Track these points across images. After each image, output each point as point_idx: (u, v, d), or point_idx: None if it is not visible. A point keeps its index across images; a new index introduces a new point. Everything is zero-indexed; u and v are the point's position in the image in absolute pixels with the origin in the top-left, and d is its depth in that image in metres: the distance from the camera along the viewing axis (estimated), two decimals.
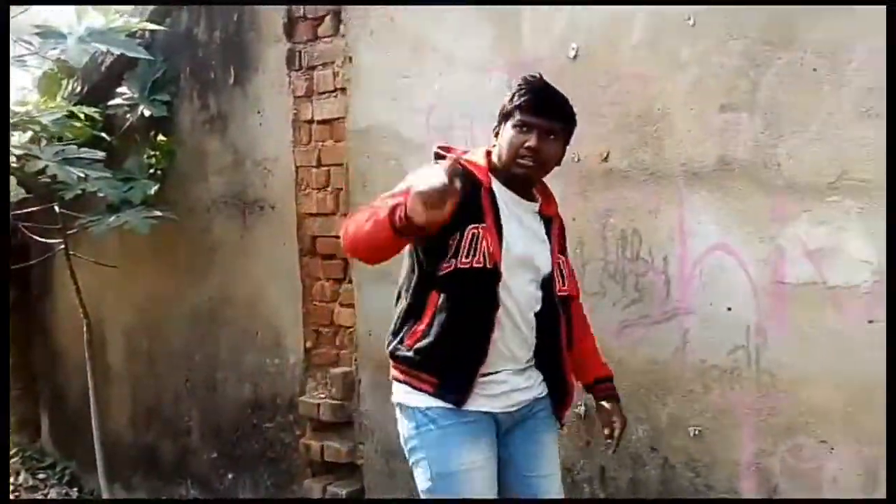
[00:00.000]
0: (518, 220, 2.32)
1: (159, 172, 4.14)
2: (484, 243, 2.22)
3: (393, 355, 2.45)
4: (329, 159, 3.59)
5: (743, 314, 2.53)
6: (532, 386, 2.37)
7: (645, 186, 2.70)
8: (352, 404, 3.58)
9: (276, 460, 3.90)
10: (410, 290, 2.36)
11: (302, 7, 3.61)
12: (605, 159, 2.77)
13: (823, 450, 2.42)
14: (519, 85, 2.32)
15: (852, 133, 2.31)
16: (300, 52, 3.64)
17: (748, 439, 2.55)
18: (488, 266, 2.22)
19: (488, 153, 2.36)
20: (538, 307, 2.32)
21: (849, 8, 2.29)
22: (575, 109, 2.35)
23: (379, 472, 3.52)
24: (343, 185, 3.54)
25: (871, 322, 2.31)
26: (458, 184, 2.00)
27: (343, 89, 3.49)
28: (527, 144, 2.25)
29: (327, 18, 3.54)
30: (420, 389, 2.32)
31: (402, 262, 2.40)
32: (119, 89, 4.22)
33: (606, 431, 2.44)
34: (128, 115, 4.17)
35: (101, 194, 3.84)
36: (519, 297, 2.28)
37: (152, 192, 4.03)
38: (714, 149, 2.55)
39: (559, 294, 2.35)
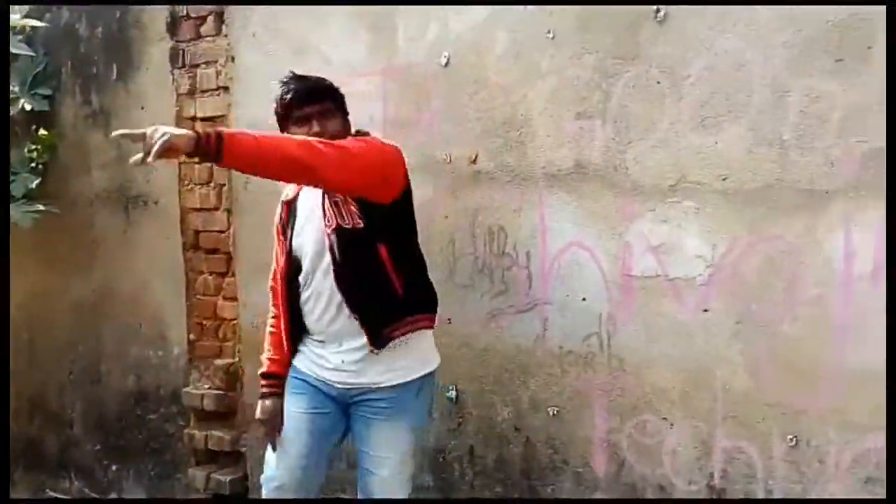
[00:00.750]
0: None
1: (41, 166, 4.14)
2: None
3: None
4: None
5: (596, 304, 2.77)
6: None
7: (510, 187, 2.91)
8: (235, 394, 3.69)
9: (159, 451, 3.98)
10: None
11: (185, 7, 3.69)
12: (474, 161, 2.98)
13: (664, 426, 2.69)
14: (280, 87, 2.57)
15: (690, 141, 2.57)
16: (183, 51, 3.72)
17: (600, 418, 2.80)
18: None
19: None
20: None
21: (683, 27, 2.55)
22: (333, 87, 2.62)
23: (262, 458, 3.63)
24: (226, 182, 3.64)
25: (705, 311, 2.58)
26: None
27: (226, 88, 3.60)
28: (313, 132, 2.47)
29: (210, 18, 3.64)
30: None
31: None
32: None
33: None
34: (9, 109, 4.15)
35: None
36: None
37: (34, 185, 4.03)
38: (570, 153, 2.78)
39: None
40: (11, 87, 4.12)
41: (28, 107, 4.08)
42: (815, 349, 2.43)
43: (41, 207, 3.93)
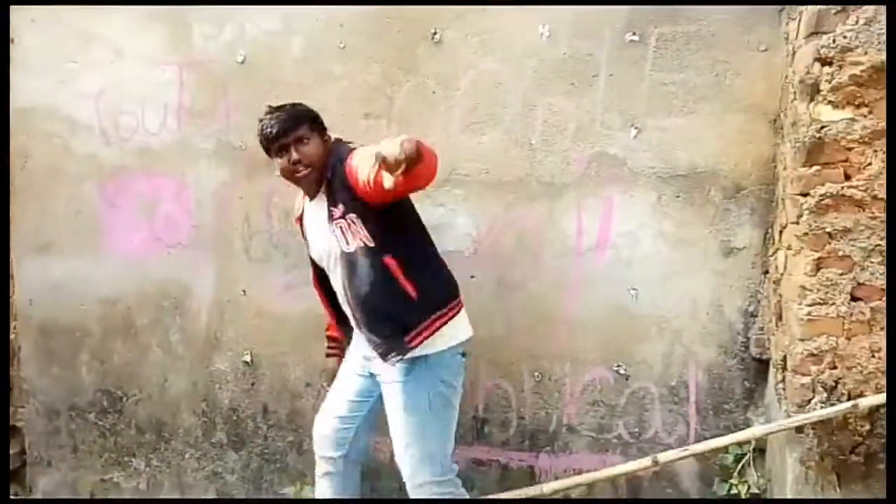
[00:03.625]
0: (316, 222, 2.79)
1: None
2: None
3: None
4: None
5: None
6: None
7: None
8: (12, 370, 3.72)
9: None
10: None
11: None
12: None
13: None
14: (259, 123, 2.72)
15: (459, 141, 3.19)
16: None
17: None
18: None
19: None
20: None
21: (455, 49, 3.15)
22: (304, 104, 2.78)
23: (41, 431, 3.74)
24: None
25: (472, 277, 3.22)
26: None
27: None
28: (292, 160, 2.69)
29: None
30: None
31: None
32: None
33: None
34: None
35: None
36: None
37: None
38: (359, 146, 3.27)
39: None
40: None
41: None
42: (553, 304, 3.17)
43: None
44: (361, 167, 2.48)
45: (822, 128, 2.66)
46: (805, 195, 2.72)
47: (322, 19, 3.26)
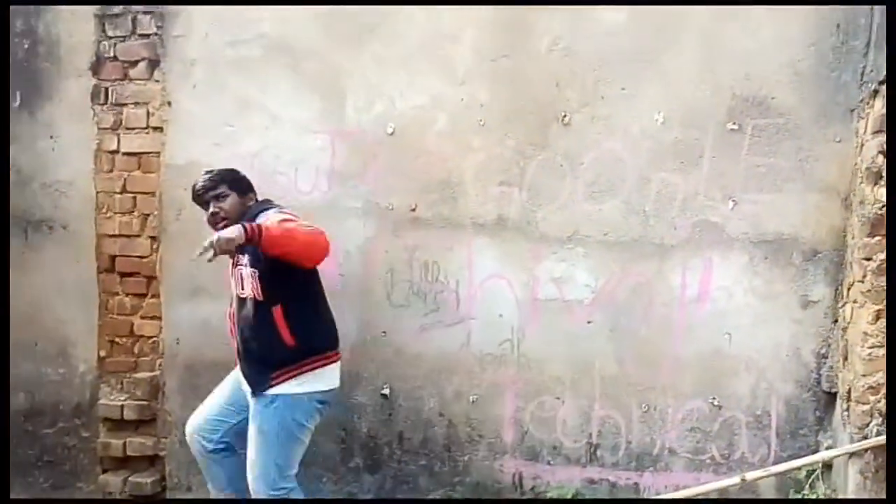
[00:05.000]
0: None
1: None
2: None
3: None
4: (136, 187, 4.06)
5: (509, 319, 3.86)
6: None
7: (443, 231, 3.87)
8: (156, 403, 4.09)
9: (54, 463, 4.16)
10: None
11: (112, 48, 4.02)
12: (413, 210, 3.88)
13: (558, 403, 3.85)
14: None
15: (582, 207, 3.78)
16: (107, 89, 4.05)
17: (510, 401, 3.88)
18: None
19: None
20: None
21: (581, 130, 3.75)
22: (235, 170, 3.51)
23: (181, 461, 4.10)
24: (152, 212, 4.04)
25: (589, 322, 3.80)
26: None
27: (159, 128, 4.02)
28: (212, 212, 3.37)
29: (142, 64, 4.02)
30: None
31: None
32: None
33: None
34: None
35: None
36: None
37: None
38: (494, 210, 3.84)
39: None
40: None
41: None
42: (660, 346, 3.77)
43: None
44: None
45: (883, 206, 3.36)
46: (868, 259, 3.40)
47: (465, 99, 3.82)
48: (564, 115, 3.77)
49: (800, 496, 3.71)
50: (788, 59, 3.60)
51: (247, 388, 3.40)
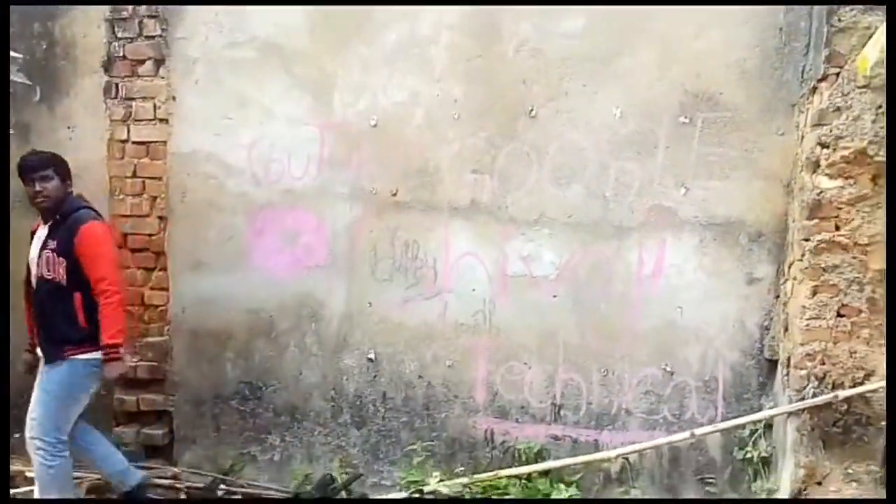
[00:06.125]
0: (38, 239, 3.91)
1: None
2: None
3: None
4: (145, 173, 4.48)
5: (482, 292, 4.27)
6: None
7: (422, 214, 4.27)
8: (165, 365, 4.57)
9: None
10: None
11: (122, 48, 4.40)
12: (395, 194, 4.28)
13: (525, 368, 4.28)
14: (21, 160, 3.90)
15: (548, 192, 4.16)
16: (118, 85, 4.45)
17: (482, 365, 4.31)
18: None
19: None
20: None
21: (547, 123, 4.10)
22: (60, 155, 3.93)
23: (187, 415, 4.61)
24: (159, 194, 4.47)
25: (554, 296, 4.21)
26: None
27: (165, 120, 4.42)
28: (35, 189, 3.78)
29: (148, 62, 4.41)
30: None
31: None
32: None
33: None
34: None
35: None
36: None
37: None
38: (468, 194, 4.22)
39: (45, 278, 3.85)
40: None
41: None
42: (618, 318, 4.18)
43: None
44: (99, 268, 3.76)
45: (821, 192, 3.71)
46: (807, 240, 3.76)
47: (441, 95, 4.19)
48: (531, 110, 4.12)
49: (743, 453, 4.13)
50: (736, 59, 3.94)
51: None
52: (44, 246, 3.80)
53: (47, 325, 3.83)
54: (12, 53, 4.35)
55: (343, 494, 4.23)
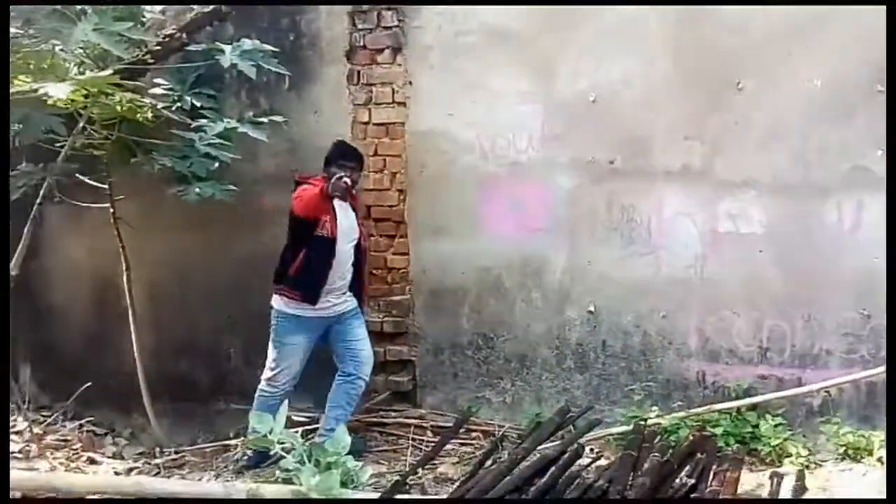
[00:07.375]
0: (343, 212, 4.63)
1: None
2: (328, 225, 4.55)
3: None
4: (385, 151, 5.12)
5: (693, 249, 4.77)
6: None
7: (637, 179, 4.79)
8: (408, 319, 5.22)
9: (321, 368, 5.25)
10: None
11: (362, 38, 5.04)
12: (612, 163, 4.82)
13: (734, 316, 4.76)
14: (339, 145, 4.69)
15: (754, 156, 4.63)
16: (359, 72, 5.09)
17: (694, 315, 4.82)
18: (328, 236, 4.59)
19: (324, 178, 4.49)
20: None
21: (752, 92, 4.57)
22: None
23: (428, 364, 5.26)
24: (399, 170, 5.09)
25: (760, 251, 4.67)
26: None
27: (402, 103, 5.06)
28: (344, 180, 4.35)
29: (387, 51, 5.04)
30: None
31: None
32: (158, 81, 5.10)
33: None
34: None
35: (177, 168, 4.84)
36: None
37: (213, 168, 5.00)
38: (679, 160, 4.72)
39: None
40: (170, 88, 5.07)
41: (197, 103, 5.05)
42: (819, 271, 4.63)
43: (232, 186, 4.98)
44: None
45: None
46: None
47: (653, 72, 4.71)
48: (739, 82, 4.61)
49: None
50: None
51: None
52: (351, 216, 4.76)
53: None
54: (265, 46, 4.70)
55: (579, 423, 4.75)
